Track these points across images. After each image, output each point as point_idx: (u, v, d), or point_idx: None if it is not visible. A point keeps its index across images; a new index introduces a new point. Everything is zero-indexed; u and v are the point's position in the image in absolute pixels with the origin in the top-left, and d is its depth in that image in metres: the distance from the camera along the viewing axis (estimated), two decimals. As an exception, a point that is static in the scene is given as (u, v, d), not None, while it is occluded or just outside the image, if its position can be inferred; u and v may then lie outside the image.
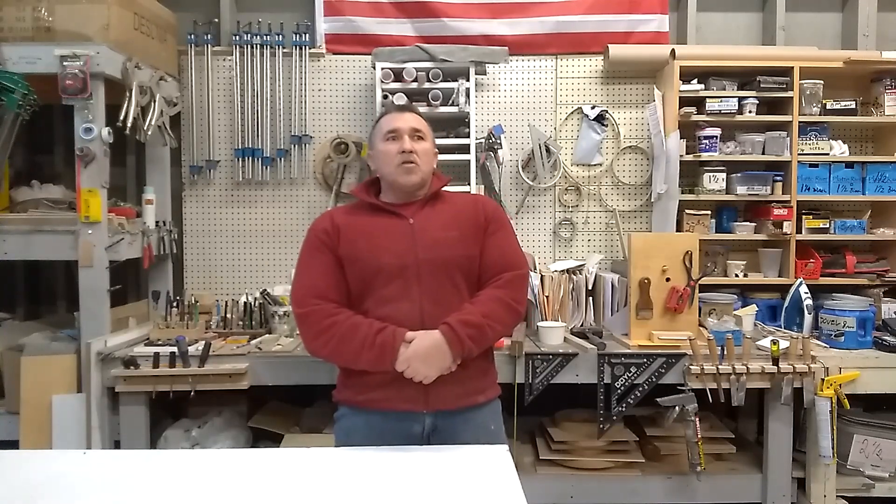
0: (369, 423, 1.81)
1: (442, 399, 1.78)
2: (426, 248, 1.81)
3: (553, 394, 2.69)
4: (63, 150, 3.38)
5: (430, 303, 1.78)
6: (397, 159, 1.85)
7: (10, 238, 2.72)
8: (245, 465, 1.62)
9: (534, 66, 3.43)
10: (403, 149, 1.84)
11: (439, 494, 1.44)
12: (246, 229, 3.43)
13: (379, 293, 1.80)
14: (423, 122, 1.94)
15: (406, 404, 1.78)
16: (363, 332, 1.73)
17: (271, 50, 3.33)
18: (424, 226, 1.84)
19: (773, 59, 3.17)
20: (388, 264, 1.79)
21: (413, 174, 1.85)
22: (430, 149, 1.93)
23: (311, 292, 1.81)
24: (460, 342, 1.72)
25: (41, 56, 2.61)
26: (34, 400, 2.63)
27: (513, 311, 1.83)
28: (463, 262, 1.84)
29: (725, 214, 3.29)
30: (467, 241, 1.85)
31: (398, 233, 1.83)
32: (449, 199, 1.95)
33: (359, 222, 1.87)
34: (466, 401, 1.82)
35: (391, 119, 1.91)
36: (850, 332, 2.74)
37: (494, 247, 1.87)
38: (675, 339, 2.66)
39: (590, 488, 2.72)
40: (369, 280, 1.81)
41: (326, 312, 1.78)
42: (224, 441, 2.73)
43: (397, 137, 1.87)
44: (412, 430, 1.79)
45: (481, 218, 1.89)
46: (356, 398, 1.84)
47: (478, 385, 1.86)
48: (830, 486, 2.67)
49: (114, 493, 1.45)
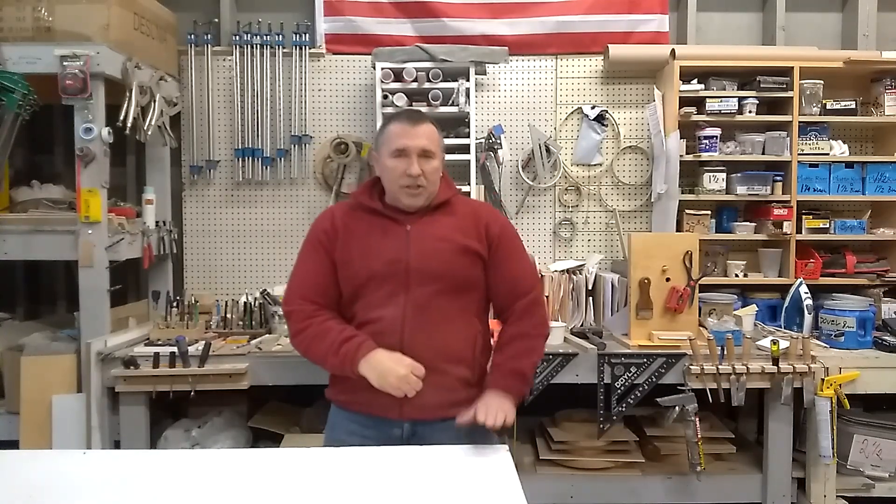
0: (350, 420, 1.84)
1: (417, 409, 1.76)
2: (418, 257, 1.78)
3: (553, 394, 2.69)
4: (63, 150, 3.37)
5: (415, 311, 1.76)
6: (403, 181, 1.79)
7: (10, 238, 2.72)
8: (245, 465, 1.62)
9: (534, 66, 3.43)
10: (410, 173, 1.76)
11: (439, 494, 1.44)
12: (246, 229, 3.43)
13: (367, 298, 1.80)
14: (434, 135, 1.84)
15: (381, 410, 1.78)
16: (330, 339, 1.75)
17: (271, 50, 3.33)
18: (421, 234, 1.80)
19: (773, 59, 3.17)
20: (377, 270, 1.78)
21: (417, 198, 1.81)
22: (439, 165, 1.85)
23: (298, 292, 1.85)
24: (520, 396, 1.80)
25: (41, 56, 2.61)
26: (34, 400, 2.62)
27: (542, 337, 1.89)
28: (456, 273, 1.80)
29: (725, 214, 3.29)
30: (464, 253, 1.81)
31: (393, 239, 1.80)
32: (452, 209, 1.89)
33: (357, 225, 1.85)
34: (444, 412, 1.76)
35: (401, 133, 1.79)
36: (850, 332, 2.74)
37: (505, 271, 1.86)
38: (675, 339, 2.66)
39: (590, 488, 2.72)
40: (359, 284, 1.81)
41: (305, 314, 1.81)
42: (224, 441, 2.73)
43: (405, 156, 1.78)
44: (391, 433, 1.80)
45: (483, 231, 1.84)
46: (339, 397, 1.88)
47: (456, 397, 1.78)
48: (830, 486, 2.67)
49: (114, 493, 1.45)
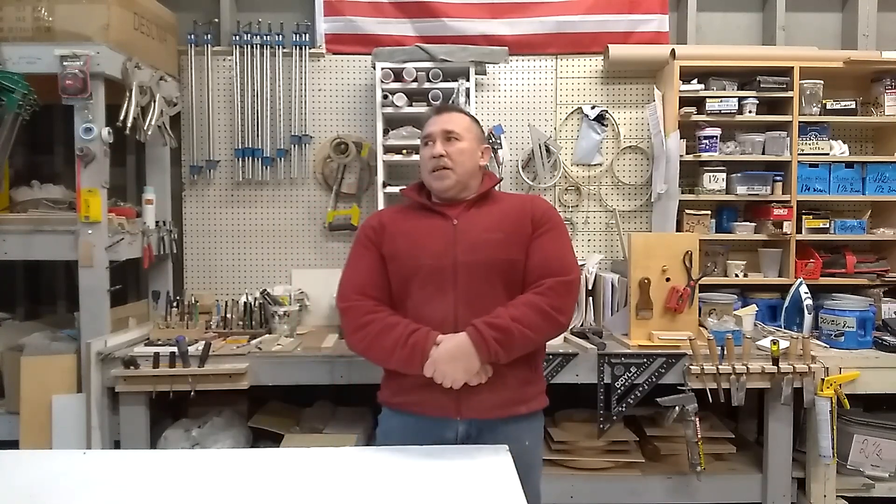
0: (405, 425, 1.79)
1: (475, 408, 1.74)
2: (466, 250, 1.76)
3: (553, 394, 2.66)
4: (63, 150, 3.38)
5: (466, 306, 1.74)
6: (429, 165, 1.84)
7: (10, 238, 2.72)
8: (245, 465, 1.62)
9: (534, 66, 3.43)
10: (433, 154, 1.82)
11: (439, 494, 1.45)
12: (246, 229, 3.43)
13: (417, 294, 1.78)
14: (460, 120, 1.88)
15: (438, 410, 1.75)
16: (398, 332, 1.71)
17: (271, 50, 3.33)
18: (468, 227, 1.80)
19: (773, 59, 3.17)
20: (425, 265, 1.77)
21: (444, 179, 1.82)
22: (468, 147, 1.85)
23: (354, 288, 1.82)
24: (486, 344, 1.66)
25: (41, 56, 2.61)
26: (34, 400, 2.62)
27: (550, 319, 1.72)
28: (504, 265, 1.77)
29: (725, 214, 3.29)
30: (511, 244, 1.79)
31: (440, 233, 1.80)
32: (499, 200, 1.90)
33: (404, 221, 1.86)
34: (503, 411, 1.76)
35: (427, 124, 1.89)
36: (850, 332, 2.74)
37: (539, 250, 1.79)
38: (675, 339, 2.66)
39: (590, 488, 2.72)
40: (408, 280, 1.79)
41: (366, 309, 1.77)
42: (224, 441, 2.73)
43: (431, 142, 1.85)
44: (445, 436, 1.76)
45: (528, 219, 1.81)
46: (392, 399, 1.83)
47: (516, 395, 1.78)
48: (830, 486, 2.66)
49: (114, 493, 1.45)
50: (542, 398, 1.88)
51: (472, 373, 1.68)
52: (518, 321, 1.69)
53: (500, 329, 1.67)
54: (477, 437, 1.76)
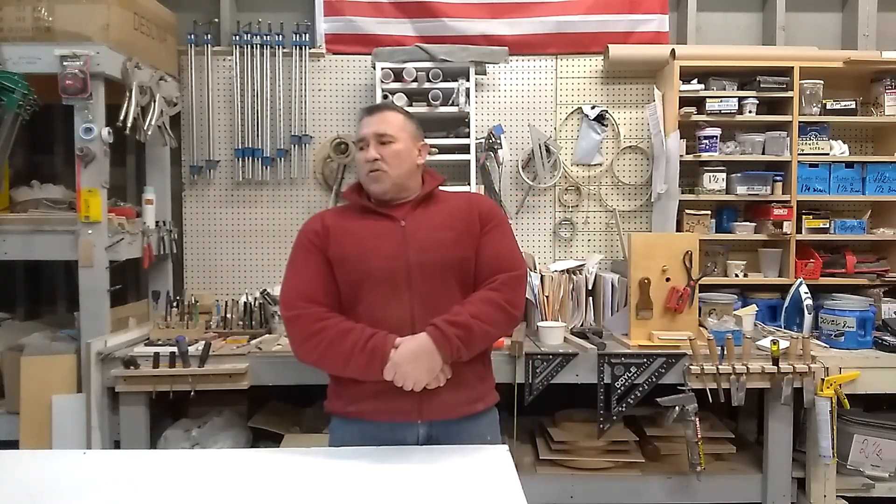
0: (362, 432, 1.75)
1: (437, 409, 1.72)
2: (418, 251, 1.75)
3: (553, 394, 2.69)
4: (63, 150, 3.37)
5: (422, 308, 1.72)
6: (364, 168, 1.82)
7: (10, 238, 2.72)
8: (245, 465, 1.62)
9: (534, 66, 3.43)
10: (367, 158, 1.80)
11: (439, 494, 1.45)
12: (246, 229, 3.43)
13: (370, 297, 1.74)
14: (394, 119, 1.85)
15: (397, 415, 1.72)
16: (354, 338, 1.67)
17: (271, 50, 3.33)
18: (416, 228, 1.78)
19: (773, 59, 3.17)
20: (377, 268, 1.74)
21: (380, 182, 1.80)
22: (403, 148, 1.82)
23: (300, 295, 1.75)
24: (448, 342, 1.64)
25: (41, 56, 2.61)
26: (34, 400, 2.62)
27: (506, 313, 1.74)
28: (457, 264, 1.77)
29: (725, 214, 3.29)
30: (462, 243, 1.79)
31: (389, 235, 1.77)
32: (443, 199, 1.89)
33: (349, 224, 1.82)
34: (464, 409, 1.76)
35: (360, 125, 1.86)
36: (850, 332, 2.74)
37: (488, 247, 1.80)
38: (675, 339, 2.66)
39: (590, 488, 2.72)
40: (359, 284, 1.75)
41: (316, 316, 1.71)
42: (224, 441, 2.73)
43: (364, 146, 1.82)
44: (405, 439, 1.74)
45: (476, 217, 1.82)
46: (347, 409, 1.78)
47: (474, 393, 1.79)
48: (830, 486, 2.66)
49: (114, 493, 1.45)
50: (495, 394, 1.89)
51: (435, 372, 1.67)
52: (477, 318, 1.69)
53: (461, 326, 1.67)
54: (439, 437, 1.75)
